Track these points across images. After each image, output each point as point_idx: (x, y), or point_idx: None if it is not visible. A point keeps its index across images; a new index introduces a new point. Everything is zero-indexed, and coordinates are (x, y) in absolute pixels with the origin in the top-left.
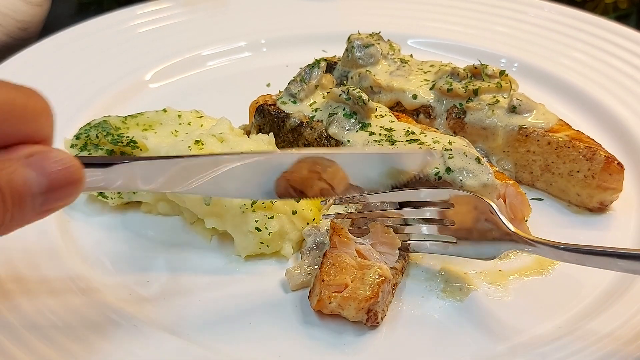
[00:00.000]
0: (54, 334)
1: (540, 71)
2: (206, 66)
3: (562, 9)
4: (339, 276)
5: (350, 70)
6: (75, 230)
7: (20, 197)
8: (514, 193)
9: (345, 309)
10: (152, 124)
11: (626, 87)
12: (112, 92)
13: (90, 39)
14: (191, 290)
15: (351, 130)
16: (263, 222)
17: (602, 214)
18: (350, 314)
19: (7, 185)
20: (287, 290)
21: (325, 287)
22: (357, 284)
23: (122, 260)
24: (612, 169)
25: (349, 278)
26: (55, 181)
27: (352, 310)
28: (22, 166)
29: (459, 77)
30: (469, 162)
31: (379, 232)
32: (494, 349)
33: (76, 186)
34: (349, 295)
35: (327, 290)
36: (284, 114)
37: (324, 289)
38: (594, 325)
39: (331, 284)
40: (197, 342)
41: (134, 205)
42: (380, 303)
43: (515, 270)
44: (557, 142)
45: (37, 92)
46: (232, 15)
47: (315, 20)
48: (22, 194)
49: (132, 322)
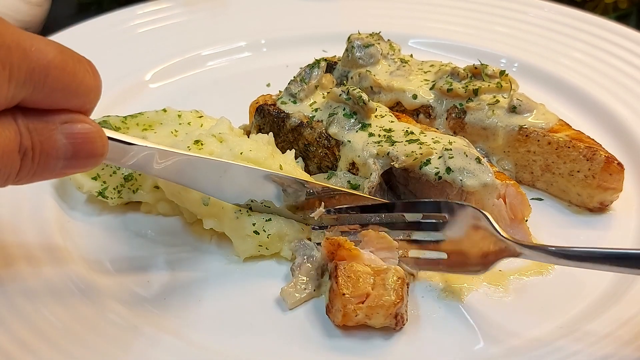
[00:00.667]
0: (54, 334)
1: (540, 71)
2: (206, 66)
3: (562, 9)
4: (358, 286)
5: (350, 70)
6: (75, 230)
7: (47, 158)
8: (514, 193)
9: (372, 318)
10: (152, 124)
11: (626, 87)
12: (112, 92)
13: (90, 39)
14: (191, 290)
15: (351, 130)
16: (261, 224)
17: (602, 214)
18: (378, 322)
19: (39, 146)
20: None
21: (347, 301)
22: (380, 290)
23: (122, 260)
24: (612, 169)
25: (369, 286)
26: (81, 152)
27: (381, 318)
28: (57, 131)
29: (459, 77)
30: (469, 162)
31: (374, 239)
32: (494, 349)
33: (97, 159)
34: (375, 304)
35: (350, 303)
36: (284, 114)
37: (347, 302)
38: (594, 325)
39: (353, 295)
40: (197, 343)
41: (134, 205)
42: (404, 305)
43: (515, 270)
44: (557, 142)
45: (94, 68)
46: (232, 15)
47: (315, 20)
48: (49, 156)
49: (131, 322)
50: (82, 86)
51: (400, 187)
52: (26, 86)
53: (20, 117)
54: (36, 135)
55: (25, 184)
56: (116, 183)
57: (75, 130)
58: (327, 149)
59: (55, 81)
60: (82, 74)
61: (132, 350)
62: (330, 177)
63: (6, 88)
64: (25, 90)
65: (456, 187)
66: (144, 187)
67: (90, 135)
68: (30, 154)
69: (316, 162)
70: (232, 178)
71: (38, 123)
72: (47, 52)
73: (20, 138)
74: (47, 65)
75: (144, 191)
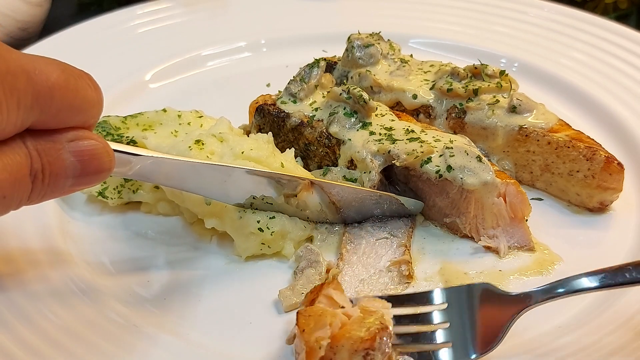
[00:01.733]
0: (54, 334)
1: (540, 71)
2: (206, 66)
3: (562, 9)
4: (320, 322)
5: (350, 70)
6: (75, 230)
7: (57, 178)
8: (514, 192)
9: (338, 352)
10: (152, 124)
11: (626, 87)
12: (112, 92)
13: (90, 39)
14: (191, 290)
15: (352, 129)
16: (265, 222)
17: (602, 214)
18: (342, 357)
19: (48, 167)
20: None
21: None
22: (354, 325)
23: (122, 260)
24: (612, 169)
25: (336, 319)
26: (89, 168)
27: (345, 353)
28: (64, 151)
29: (459, 77)
30: (470, 161)
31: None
32: (493, 349)
33: (105, 174)
34: (341, 336)
35: (310, 337)
36: (284, 114)
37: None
38: (594, 325)
39: (314, 330)
40: (197, 342)
41: (134, 205)
42: (377, 353)
43: (515, 270)
44: (557, 142)
45: (95, 82)
46: (232, 15)
47: (315, 20)
48: (58, 176)
49: (132, 322)
50: (85, 102)
51: (401, 185)
52: (34, 110)
53: (29, 140)
54: (45, 157)
55: (36, 204)
56: (116, 183)
57: (82, 148)
58: (327, 148)
59: (60, 101)
60: (84, 90)
61: (132, 349)
62: (326, 172)
63: (15, 115)
64: (33, 114)
65: (456, 185)
66: (144, 187)
67: (97, 151)
68: (41, 176)
69: (317, 161)
70: (236, 181)
71: (46, 144)
72: (50, 73)
73: (30, 161)
74: (52, 86)
75: (144, 191)
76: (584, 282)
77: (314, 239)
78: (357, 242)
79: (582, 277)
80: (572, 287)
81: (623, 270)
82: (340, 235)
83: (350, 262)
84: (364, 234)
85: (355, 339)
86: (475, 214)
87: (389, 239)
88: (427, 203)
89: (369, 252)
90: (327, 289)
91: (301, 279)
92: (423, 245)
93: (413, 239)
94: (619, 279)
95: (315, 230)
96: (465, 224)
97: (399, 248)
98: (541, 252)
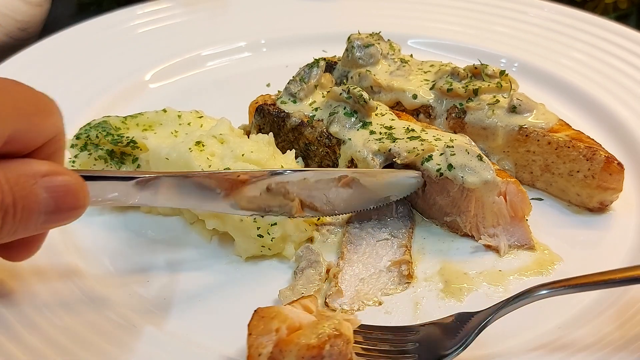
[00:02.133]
0: (54, 334)
1: (540, 71)
2: (206, 66)
3: (562, 9)
4: (269, 327)
5: (350, 70)
6: (75, 230)
7: (29, 214)
8: (514, 191)
9: (286, 357)
10: (152, 124)
11: (626, 87)
12: (112, 92)
13: (90, 39)
14: (191, 290)
15: (352, 129)
16: (265, 228)
17: (602, 214)
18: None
19: (20, 202)
20: None
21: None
22: (307, 330)
23: (122, 260)
24: (612, 169)
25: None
26: (63, 205)
27: (293, 359)
28: (37, 185)
29: (459, 77)
30: (471, 159)
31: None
32: (494, 349)
33: (79, 211)
34: (287, 338)
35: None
36: (284, 114)
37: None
38: (594, 325)
39: (260, 334)
40: (197, 342)
41: None
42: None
43: (515, 270)
44: (557, 142)
45: (42, 94)
46: (232, 15)
47: (315, 20)
48: (31, 211)
49: (131, 322)
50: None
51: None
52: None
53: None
54: (18, 191)
55: (5, 242)
56: None
57: (56, 183)
58: (328, 148)
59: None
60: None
61: (132, 349)
62: None
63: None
64: (12, 123)
65: (457, 183)
66: None
67: (72, 188)
68: (12, 210)
69: (317, 161)
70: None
71: (18, 177)
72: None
73: (2, 195)
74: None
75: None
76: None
77: (314, 240)
78: (358, 243)
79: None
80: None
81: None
82: (341, 236)
83: (351, 261)
84: (365, 234)
85: (301, 346)
86: (476, 213)
87: (390, 240)
88: (427, 202)
89: (370, 252)
90: (305, 300)
91: (301, 279)
92: (423, 245)
93: (413, 239)
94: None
95: (316, 232)
96: (465, 222)
97: (400, 248)
98: (541, 252)
